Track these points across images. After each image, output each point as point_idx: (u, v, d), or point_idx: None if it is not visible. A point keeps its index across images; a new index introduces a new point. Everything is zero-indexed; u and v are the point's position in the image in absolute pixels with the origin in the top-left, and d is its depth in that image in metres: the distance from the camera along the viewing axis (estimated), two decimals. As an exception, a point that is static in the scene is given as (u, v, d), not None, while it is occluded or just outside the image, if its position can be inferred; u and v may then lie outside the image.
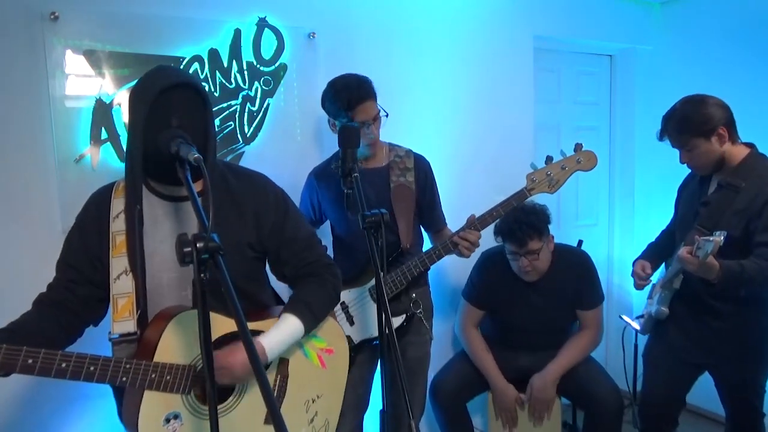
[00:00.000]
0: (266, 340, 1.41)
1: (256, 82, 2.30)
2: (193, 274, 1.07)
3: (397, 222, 2.11)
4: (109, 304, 1.42)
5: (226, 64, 2.23)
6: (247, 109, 2.29)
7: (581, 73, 3.52)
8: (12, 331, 1.29)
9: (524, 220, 2.23)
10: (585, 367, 2.42)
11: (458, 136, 2.81)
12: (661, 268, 2.28)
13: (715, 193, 2.00)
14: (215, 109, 2.19)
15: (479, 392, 2.53)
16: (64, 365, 1.22)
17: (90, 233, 1.43)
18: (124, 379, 1.28)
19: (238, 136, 2.28)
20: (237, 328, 1.06)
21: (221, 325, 1.39)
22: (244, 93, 2.28)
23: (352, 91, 1.98)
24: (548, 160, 2.13)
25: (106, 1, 2.02)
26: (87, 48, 1.98)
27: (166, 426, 1.33)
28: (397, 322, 2.11)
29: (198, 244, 1.05)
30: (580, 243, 2.71)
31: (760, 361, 2.09)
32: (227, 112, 2.25)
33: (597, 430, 2.38)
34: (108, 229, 1.42)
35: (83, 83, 1.99)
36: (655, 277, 2.26)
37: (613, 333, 3.47)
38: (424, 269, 2.12)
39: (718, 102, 1.98)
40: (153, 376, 1.31)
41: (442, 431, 2.49)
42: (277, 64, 2.34)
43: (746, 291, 1.91)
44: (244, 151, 2.29)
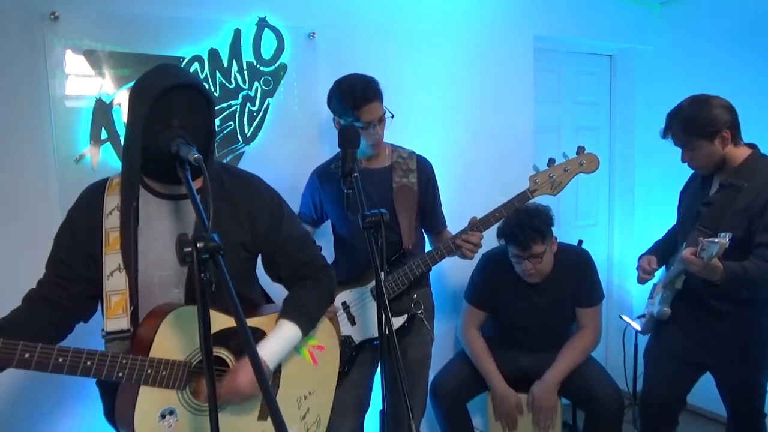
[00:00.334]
0: (266, 351, 1.41)
1: (256, 82, 2.29)
2: (188, 273, 1.06)
3: (399, 222, 2.11)
4: (99, 300, 1.41)
5: (226, 64, 2.23)
6: (247, 109, 2.28)
7: (581, 73, 3.52)
8: (1, 327, 1.28)
9: (527, 224, 2.21)
10: (585, 367, 2.42)
11: (458, 136, 2.81)
12: (662, 269, 2.28)
13: (717, 194, 2.01)
14: (215, 109, 2.19)
15: (479, 392, 2.53)
16: (61, 360, 1.21)
17: (82, 230, 1.42)
18: (120, 374, 1.28)
19: (238, 136, 2.28)
20: (239, 333, 1.09)
21: (214, 321, 1.39)
22: (244, 93, 2.27)
23: (359, 92, 1.98)
24: (550, 162, 2.13)
25: (106, 1, 2.02)
26: (87, 48, 1.98)
27: (162, 422, 1.33)
28: (398, 322, 2.11)
29: (198, 244, 1.05)
30: (580, 243, 2.71)
31: (761, 362, 2.09)
32: (227, 112, 2.25)
33: (597, 430, 2.38)
34: (101, 226, 1.40)
35: (83, 83, 1.99)
36: (656, 278, 2.25)
37: (613, 333, 3.47)
38: (426, 270, 2.12)
39: (725, 104, 1.97)
40: (149, 372, 1.31)
41: (443, 431, 2.49)
42: (277, 64, 2.33)
43: (748, 293, 1.91)
44: (244, 151, 2.29)
